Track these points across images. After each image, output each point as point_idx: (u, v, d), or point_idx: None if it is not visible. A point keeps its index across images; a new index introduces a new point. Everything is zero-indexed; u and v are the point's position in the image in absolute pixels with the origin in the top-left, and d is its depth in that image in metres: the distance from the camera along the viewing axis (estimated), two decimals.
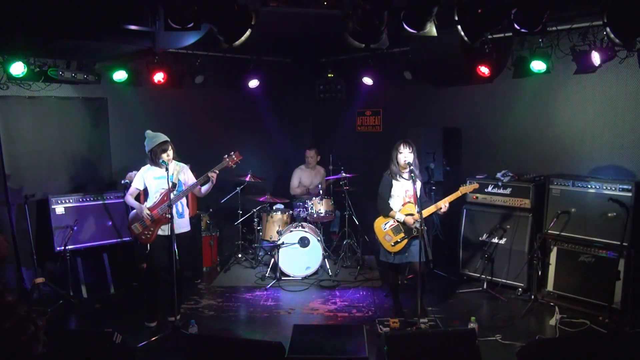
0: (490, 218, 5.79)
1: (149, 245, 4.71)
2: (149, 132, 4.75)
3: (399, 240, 4.69)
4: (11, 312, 2.00)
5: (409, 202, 4.72)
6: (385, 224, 4.78)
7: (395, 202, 4.78)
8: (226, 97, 7.47)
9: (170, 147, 4.65)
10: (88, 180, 6.13)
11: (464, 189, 4.75)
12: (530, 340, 4.27)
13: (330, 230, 7.41)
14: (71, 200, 5.66)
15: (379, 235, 4.82)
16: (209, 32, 4.26)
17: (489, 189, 5.81)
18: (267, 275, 6.28)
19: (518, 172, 5.81)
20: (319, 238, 6.25)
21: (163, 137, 4.67)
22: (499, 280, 5.68)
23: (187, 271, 5.97)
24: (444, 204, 4.63)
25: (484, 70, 5.75)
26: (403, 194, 4.75)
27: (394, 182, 4.77)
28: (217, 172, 4.65)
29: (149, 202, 4.72)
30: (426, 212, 4.57)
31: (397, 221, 4.70)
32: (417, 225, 4.56)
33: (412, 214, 4.63)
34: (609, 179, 5.02)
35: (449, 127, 6.55)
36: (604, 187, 4.96)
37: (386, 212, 4.77)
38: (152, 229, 4.66)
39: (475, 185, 4.83)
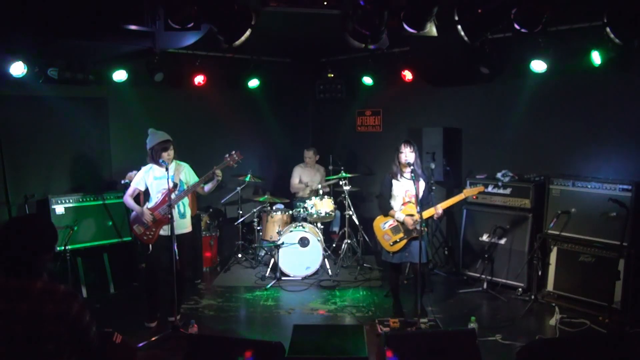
0: (490, 218, 5.79)
1: (150, 245, 4.71)
2: (152, 129, 4.76)
3: (397, 240, 4.69)
4: (77, 297, 2.28)
5: (409, 202, 4.71)
6: (385, 224, 4.78)
7: (395, 202, 4.78)
8: (226, 97, 7.47)
9: (171, 147, 4.65)
10: (88, 180, 6.12)
11: (468, 192, 4.71)
12: (530, 340, 4.28)
13: (330, 230, 7.41)
14: (71, 200, 5.66)
15: (377, 234, 4.82)
16: (209, 32, 4.26)
17: (489, 189, 5.80)
18: (267, 275, 6.28)
19: (518, 172, 5.81)
20: (319, 238, 6.25)
21: (165, 136, 4.68)
22: (499, 280, 5.68)
23: (187, 271, 5.97)
24: (440, 209, 4.62)
25: (484, 70, 5.75)
26: (403, 193, 4.74)
27: (394, 181, 4.77)
28: (220, 171, 4.65)
29: (151, 203, 4.72)
30: (426, 214, 4.55)
31: (397, 221, 4.70)
32: (418, 226, 4.56)
33: (412, 215, 4.63)
34: (609, 179, 5.02)
35: (449, 127, 6.55)
36: (604, 187, 4.96)
37: (386, 211, 4.77)
38: (153, 229, 4.66)
39: (480, 188, 4.78)
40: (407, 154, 4.64)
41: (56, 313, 2.16)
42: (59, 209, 5.56)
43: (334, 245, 7.16)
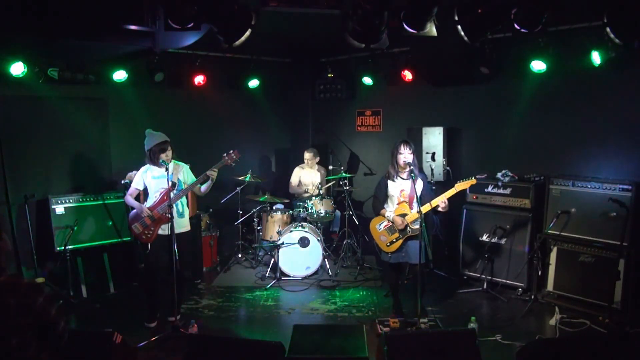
0: (490, 218, 5.78)
1: (149, 244, 4.71)
2: (149, 130, 4.76)
3: (393, 240, 4.68)
4: (41, 290, 2.22)
5: (403, 201, 4.70)
6: (380, 225, 4.78)
7: (392, 203, 4.78)
8: (226, 97, 7.47)
9: (169, 147, 4.66)
10: (88, 180, 6.12)
11: (459, 186, 4.58)
12: (530, 340, 4.27)
13: (330, 230, 7.41)
14: (71, 200, 5.66)
15: (374, 236, 4.82)
16: (209, 32, 4.27)
17: (489, 189, 5.81)
18: (267, 275, 6.28)
19: (518, 172, 5.81)
20: (319, 238, 6.24)
21: (163, 137, 4.68)
22: (499, 280, 5.68)
23: (187, 271, 5.97)
24: (441, 202, 4.51)
25: (484, 70, 5.75)
26: (398, 193, 4.74)
27: (389, 182, 4.76)
28: (217, 170, 4.66)
29: (149, 202, 4.73)
30: (423, 209, 4.49)
31: (388, 220, 4.70)
32: (416, 225, 4.55)
33: (405, 214, 4.62)
34: (609, 179, 5.02)
35: (449, 127, 6.55)
36: (604, 187, 4.96)
37: (377, 211, 4.80)
38: (152, 228, 4.66)
39: (472, 181, 4.61)
40: (407, 155, 4.63)
41: (19, 306, 2.12)
42: (59, 209, 5.56)
43: (334, 245, 7.16)
